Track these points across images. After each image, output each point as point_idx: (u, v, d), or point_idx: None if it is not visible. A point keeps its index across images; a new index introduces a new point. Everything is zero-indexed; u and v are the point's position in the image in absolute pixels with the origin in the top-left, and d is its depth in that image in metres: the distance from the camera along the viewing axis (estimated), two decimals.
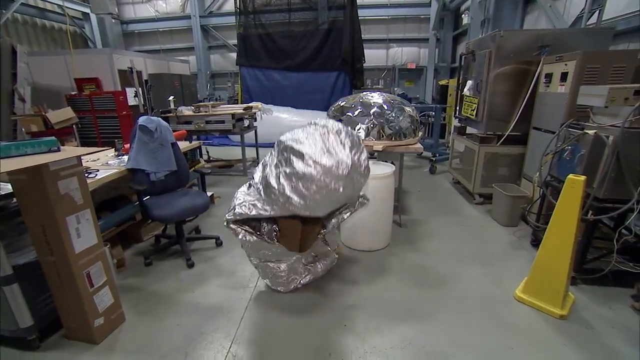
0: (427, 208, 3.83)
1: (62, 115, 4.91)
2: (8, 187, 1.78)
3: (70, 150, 1.75)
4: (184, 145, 3.56)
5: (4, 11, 7.13)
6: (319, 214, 2.00)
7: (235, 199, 2.12)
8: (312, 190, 1.73)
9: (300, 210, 1.86)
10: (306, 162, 1.69)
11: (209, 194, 3.54)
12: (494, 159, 3.69)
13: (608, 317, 2.04)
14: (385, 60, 10.22)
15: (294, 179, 1.74)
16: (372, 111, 3.13)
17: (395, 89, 9.33)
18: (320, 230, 2.16)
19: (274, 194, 1.85)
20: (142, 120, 2.72)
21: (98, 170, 2.57)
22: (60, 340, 1.89)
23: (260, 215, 1.98)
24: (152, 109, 5.82)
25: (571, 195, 1.94)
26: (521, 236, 3.08)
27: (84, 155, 2.14)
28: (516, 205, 3.23)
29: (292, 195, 1.77)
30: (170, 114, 4.95)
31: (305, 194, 1.74)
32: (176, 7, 10.64)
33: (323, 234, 2.21)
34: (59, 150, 1.72)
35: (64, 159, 1.63)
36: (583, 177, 1.91)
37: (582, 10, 4.15)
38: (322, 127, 1.85)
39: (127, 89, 6.08)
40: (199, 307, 2.18)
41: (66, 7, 8.36)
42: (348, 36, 7.61)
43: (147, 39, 11.22)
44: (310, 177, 1.69)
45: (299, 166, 1.71)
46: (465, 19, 8.17)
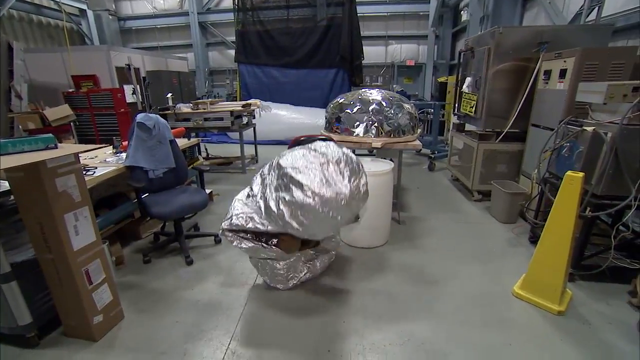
0: (425, 205, 3.83)
1: (59, 112, 4.88)
2: (5, 185, 1.77)
3: (68, 148, 1.75)
4: (182, 142, 3.55)
5: (0, 7, 7.07)
6: (317, 238, 2.06)
7: (233, 208, 2.12)
8: (311, 219, 1.76)
9: (299, 234, 1.89)
10: (305, 193, 1.70)
11: (207, 191, 3.53)
12: (492, 155, 3.69)
13: (605, 313, 2.05)
14: (384, 57, 10.20)
15: (293, 207, 1.76)
16: (370, 108, 3.12)
17: (394, 86, 9.31)
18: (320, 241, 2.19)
19: (273, 216, 1.87)
20: (140, 117, 2.71)
21: (96, 168, 2.56)
22: (59, 338, 1.89)
23: (257, 229, 2.00)
24: (150, 106, 5.79)
25: (569, 192, 1.94)
26: (519, 233, 3.09)
27: (82, 152, 2.13)
28: (515, 202, 3.24)
29: (291, 221, 1.80)
30: (169, 112, 4.93)
31: (305, 222, 1.78)
32: (174, 4, 10.58)
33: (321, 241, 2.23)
34: (56, 147, 1.71)
35: (62, 156, 1.62)
36: (581, 174, 1.92)
37: (581, 7, 4.14)
38: (322, 155, 1.82)
39: (125, 86, 6.05)
40: (198, 304, 2.18)
41: (62, 3, 8.28)
42: (347, 33, 7.58)
43: (144, 36, 11.16)
44: (309, 207, 1.71)
45: (298, 195, 1.72)
46: (465, 16, 8.15)
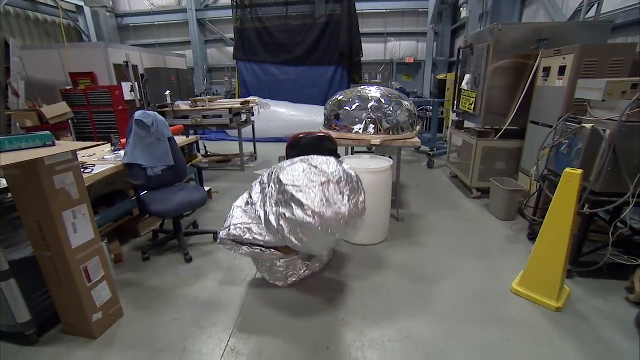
0: (424, 202, 3.84)
1: (57, 110, 4.86)
2: (3, 182, 1.76)
3: (66, 145, 1.74)
4: (181, 140, 3.54)
5: None
6: (315, 253, 2.09)
7: (232, 217, 2.13)
8: (310, 237, 1.79)
9: (298, 249, 1.91)
10: (305, 212, 1.72)
11: (206, 189, 3.53)
12: (491, 153, 3.69)
13: (603, 309, 2.06)
14: (383, 55, 10.17)
15: (293, 224, 1.78)
16: (369, 105, 3.12)
17: (393, 83, 9.29)
18: None
19: (272, 230, 1.90)
20: (139, 114, 2.69)
21: (94, 165, 2.55)
22: (58, 335, 1.89)
23: (255, 240, 2.01)
24: (149, 103, 5.78)
25: (568, 189, 1.95)
26: (518, 230, 3.09)
27: (80, 150, 2.12)
28: (513, 199, 3.24)
29: (290, 237, 1.83)
30: (167, 109, 4.91)
31: (304, 239, 1.81)
32: (172, 1, 10.51)
33: None
34: (54, 144, 1.70)
35: (59, 154, 1.62)
36: (580, 171, 1.92)
37: (580, 4, 4.13)
38: (323, 174, 1.82)
39: (123, 84, 6.03)
40: (197, 301, 2.18)
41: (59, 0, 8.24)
42: (346, 30, 7.56)
43: (142, 33, 11.09)
44: (309, 226, 1.73)
45: (298, 214, 1.74)
46: (464, 13, 8.12)
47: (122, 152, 2.82)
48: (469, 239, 2.96)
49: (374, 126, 3.10)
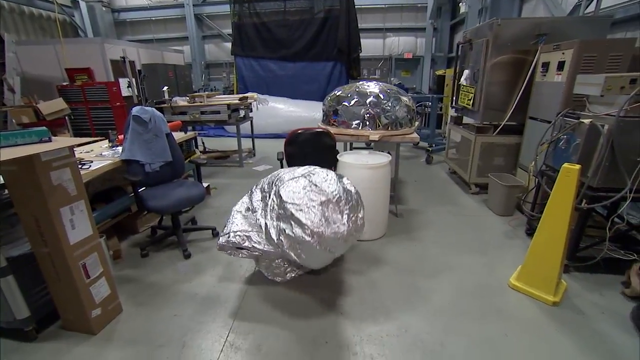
0: (423, 198, 3.84)
1: (53, 106, 4.82)
2: None
3: (62, 141, 1.72)
4: (179, 136, 3.53)
5: None
6: (313, 267, 2.10)
7: (232, 223, 2.15)
8: (309, 254, 1.83)
9: (297, 263, 1.94)
10: (305, 231, 1.74)
11: (205, 185, 3.52)
12: (490, 148, 3.69)
13: (599, 303, 2.08)
14: (382, 50, 10.12)
15: (292, 241, 1.80)
16: (368, 100, 3.11)
17: (392, 79, 9.27)
18: None
19: (273, 243, 1.92)
20: (136, 110, 2.68)
21: (92, 162, 2.54)
22: (57, 331, 1.89)
23: (254, 248, 2.03)
24: (146, 99, 5.75)
25: (566, 184, 1.95)
26: (516, 225, 3.11)
27: (77, 145, 2.11)
28: (511, 194, 3.25)
29: (289, 252, 1.86)
30: (165, 105, 4.88)
31: (302, 256, 1.84)
32: None
33: None
34: (50, 140, 1.69)
35: (56, 149, 1.61)
36: (578, 166, 1.92)
37: None
38: (322, 193, 1.82)
39: (120, 80, 5.99)
40: (196, 297, 2.19)
41: None
42: (344, 25, 7.50)
43: (139, 28, 10.99)
44: (308, 244, 1.76)
45: (297, 232, 1.76)
46: (463, 8, 8.08)
47: (119, 149, 2.80)
48: (467, 235, 2.97)
49: (372, 121, 3.09)
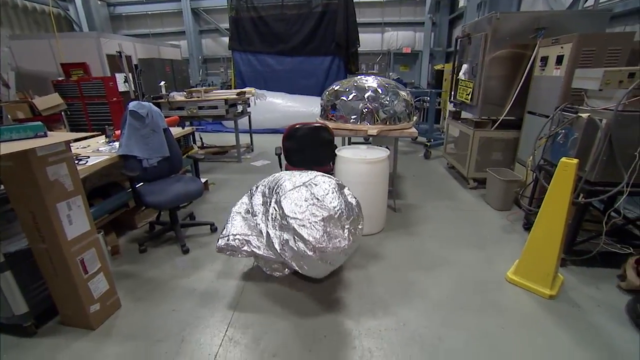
0: (421, 193, 3.85)
1: (49, 101, 4.78)
2: None
3: (58, 136, 1.71)
4: (176, 131, 3.51)
5: None
6: (314, 276, 2.10)
7: (232, 225, 2.15)
8: (310, 266, 1.87)
9: (299, 271, 1.95)
10: (307, 247, 1.77)
11: (203, 180, 3.51)
12: (488, 143, 3.70)
13: (595, 296, 2.09)
14: (380, 45, 10.06)
15: (295, 254, 1.83)
16: (366, 95, 3.10)
17: (390, 73, 9.23)
18: None
19: (275, 252, 1.94)
20: (133, 105, 2.66)
21: (89, 157, 2.52)
22: (56, 327, 1.89)
23: (253, 252, 2.06)
24: (143, 94, 5.70)
25: (563, 178, 1.96)
26: (514, 220, 3.12)
27: (72, 140, 2.09)
28: (509, 189, 3.26)
29: (292, 262, 1.89)
30: (162, 100, 4.84)
31: (305, 268, 1.88)
32: None
33: None
34: (45, 135, 1.67)
35: (52, 144, 1.59)
36: (576, 160, 1.93)
37: None
38: (325, 209, 1.82)
39: (117, 75, 5.93)
40: (194, 292, 2.19)
41: None
42: (342, 19, 7.45)
43: (135, 23, 10.87)
44: (309, 258, 1.80)
45: (300, 247, 1.79)
46: (462, 2, 8.03)
47: (116, 144, 2.78)
48: (465, 229, 2.98)
49: (370, 116, 3.08)
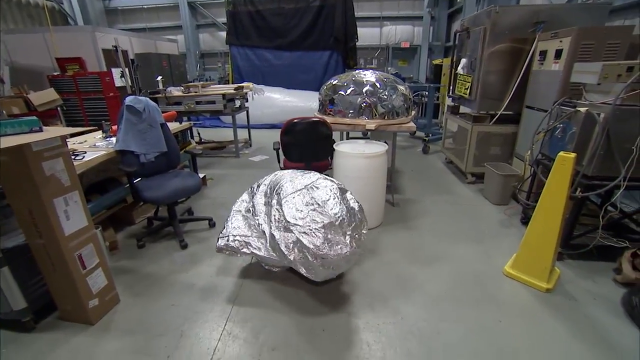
0: (419, 187, 3.85)
1: (45, 96, 4.74)
2: None
3: (53, 130, 1.70)
4: (174, 126, 3.48)
5: None
6: (316, 280, 2.11)
7: (232, 225, 2.14)
8: (312, 272, 1.88)
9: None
10: (310, 254, 1.79)
11: (201, 175, 3.50)
12: (486, 138, 3.70)
13: (591, 290, 2.11)
14: (378, 39, 10.01)
15: (300, 258, 1.84)
16: (364, 89, 3.08)
17: (388, 68, 9.19)
18: None
19: (281, 255, 1.92)
20: (129, 100, 2.63)
21: (85, 153, 2.50)
22: (55, 322, 1.90)
23: (253, 254, 2.06)
24: (140, 89, 5.65)
25: (561, 173, 1.96)
26: (511, 214, 3.13)
27: (68, 135, 2.07)
28: (507, 184, 3.26)
29: (299, 267, 1.89)
30: (159, 95, 4.81)
31: (312, 271, 1.89)
32: None
33: None
34: (41, 130, 1.66)
35: (47, 139, 1.58)
36: (573, 154, 1.93)
37: None
38: (326, 216, 1.81)
39: (113, 70, 5.88)
40: (193, 287, 2.20)
41: None
42: (340, 14, 7.39)
43: (131, 17, 10.76)
44: (312, 264, 1.82)
45: (302, 253, 1.82)
46: None
47: (113, 139, 2.77)
48: (463, 224, 3.00)
49: (369, 111, 3.07)
